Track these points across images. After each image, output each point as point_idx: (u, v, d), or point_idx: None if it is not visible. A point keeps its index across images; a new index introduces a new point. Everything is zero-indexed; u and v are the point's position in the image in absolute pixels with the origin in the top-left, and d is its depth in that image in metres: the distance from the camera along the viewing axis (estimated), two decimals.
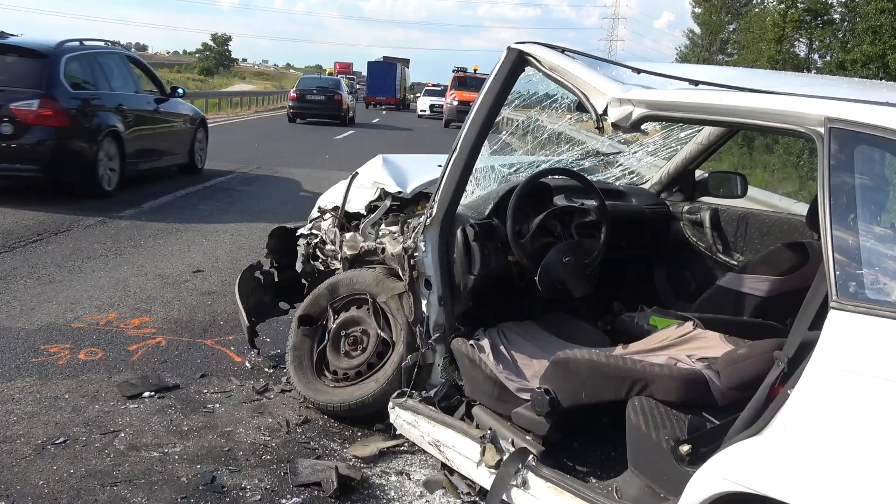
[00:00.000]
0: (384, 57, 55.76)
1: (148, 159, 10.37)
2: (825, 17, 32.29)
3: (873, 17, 26.47)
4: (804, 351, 2.06)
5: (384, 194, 3.86)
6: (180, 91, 11.55)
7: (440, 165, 3.41)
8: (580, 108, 2.91)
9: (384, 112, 42.11)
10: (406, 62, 54.13)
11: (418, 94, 45.12)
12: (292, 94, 27.88)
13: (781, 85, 2.61)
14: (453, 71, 36.69)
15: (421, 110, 40.36)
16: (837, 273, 1.99)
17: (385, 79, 46.24)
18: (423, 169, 3.99)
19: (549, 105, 4.45)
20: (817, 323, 2.05)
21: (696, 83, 2.58)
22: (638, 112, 2.64)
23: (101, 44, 10.34)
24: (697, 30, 50.97)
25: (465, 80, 33.58)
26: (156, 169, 10.73)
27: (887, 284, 1.97)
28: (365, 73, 51.82)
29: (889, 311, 1.89)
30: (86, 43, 9.66)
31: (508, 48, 3.14)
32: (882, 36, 25.89)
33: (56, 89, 8.53)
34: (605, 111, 2.72)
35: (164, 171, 11.01)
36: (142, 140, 10.02)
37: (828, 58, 31.96)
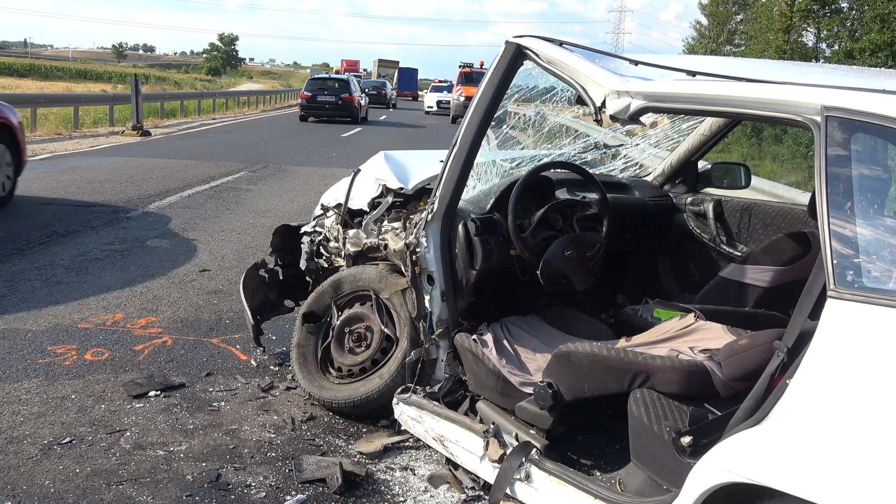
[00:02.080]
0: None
1: (363, 115, 29.40)
2: (833, 6, 32.08)
3: (881, 5, 26.30)
4: (804, 341, 2.05)
5: (386, 191, 3.86)
6: (365, 88, 36.38)
7: (442, 161, 3.41)
8: (579, 100, 2.90)
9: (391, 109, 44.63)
10: (396, 63, 76.48)
11: (425, 91, 48.16)
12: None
13: (778, 74, 2.60)
14: (460, 66, 36.65)
15: (428, 106, 40.20)
16: (835, 262, 1.98)
17: (409, 80, 67.76)
18: (424, 165, 3.99)
19: (549, 99, 4.44)
20: (817, 312, 2.04)
21: (694, 74, 2.57)
22: (636, 104, 2.63)
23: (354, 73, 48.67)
24: (704, 21, 50.86)
25: (472, 76, 33.56)
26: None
27: (885, 273, 1.95)
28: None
29: (886, 299, 1.88)
30: (350, 74, 46.36)
31: (507, 42, 3.13)
32: (890, 24, 25.73)
33: (351, 89, 28.20)
34: (604, 103, 2.71)
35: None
36: (362, 107, 29.72)
37: (836, 47, 31.79)
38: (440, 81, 48.19)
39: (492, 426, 3.07)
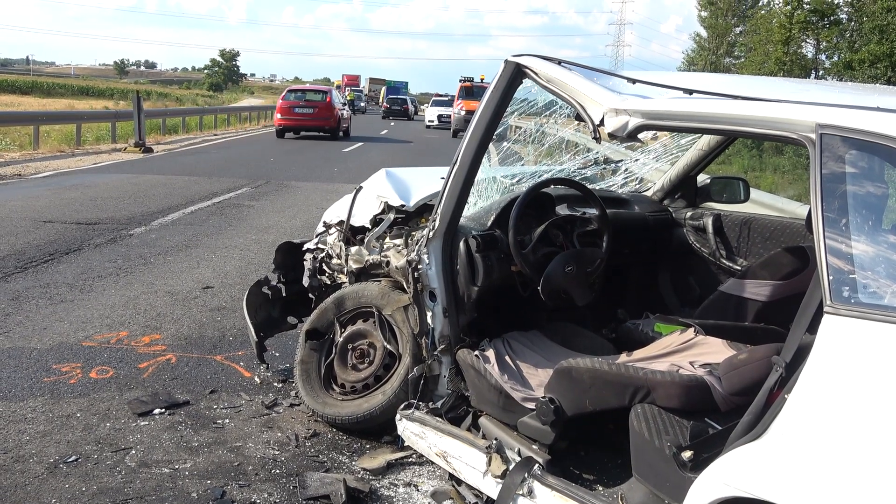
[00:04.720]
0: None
1: (411, 116, 55.04)
2: (832, 18, 32.21)
3: (880, 17, 26.43)
4: (802, 355, 2.07)
5: (388, 208, 3.89)
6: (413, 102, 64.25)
7: (443, 178, 3.44)
8: (578, 118, 2.93)
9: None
10: (384, 81, 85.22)
11: (426, 105, 50.87)
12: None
13: (774, 92, 2.63)
14: (460, 81, 36.77)
15: (429, 121, 40.22)
16: (831, 278, 2.00)
17: (399, 92, 73.38)
18: (426, 182, 4.02)
19: (549, 115, 4.47)
20: (815, 327, 2.06)
21: (691, 92, 2.60)
22: (634, 122, 2.66)
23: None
24: (704, 33, 51.01)
25: (472, 90, 33.64)
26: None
27: (880, 288, 1.98)
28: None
29: (882, 314, 1.91)
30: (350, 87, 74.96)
31: (506, 61, 3.17)
32: (889, 35, 25.82)
33: (407, 102, 56.36)
34: (602, 121, 2.74)
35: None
36: (411, 112, 56.57)
37: (835, 58, 31.89)
38: (440, 95, 48.69)
39: (494, 442, 3.09)
